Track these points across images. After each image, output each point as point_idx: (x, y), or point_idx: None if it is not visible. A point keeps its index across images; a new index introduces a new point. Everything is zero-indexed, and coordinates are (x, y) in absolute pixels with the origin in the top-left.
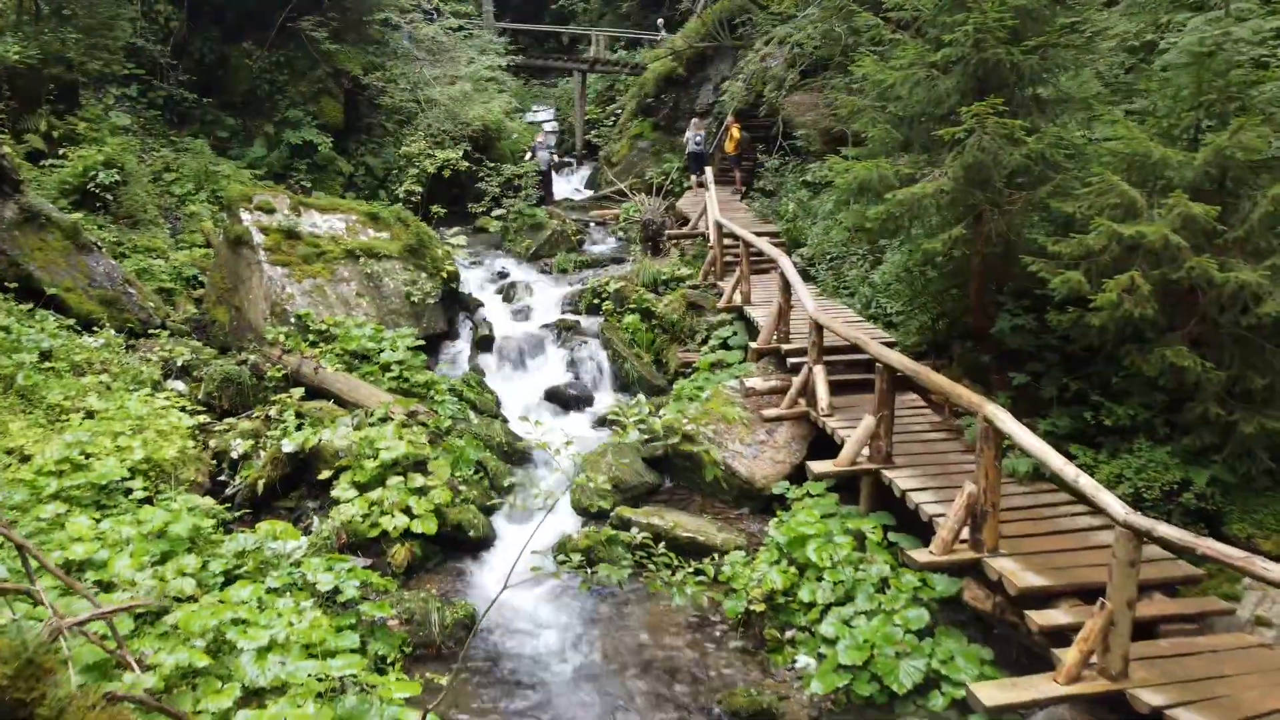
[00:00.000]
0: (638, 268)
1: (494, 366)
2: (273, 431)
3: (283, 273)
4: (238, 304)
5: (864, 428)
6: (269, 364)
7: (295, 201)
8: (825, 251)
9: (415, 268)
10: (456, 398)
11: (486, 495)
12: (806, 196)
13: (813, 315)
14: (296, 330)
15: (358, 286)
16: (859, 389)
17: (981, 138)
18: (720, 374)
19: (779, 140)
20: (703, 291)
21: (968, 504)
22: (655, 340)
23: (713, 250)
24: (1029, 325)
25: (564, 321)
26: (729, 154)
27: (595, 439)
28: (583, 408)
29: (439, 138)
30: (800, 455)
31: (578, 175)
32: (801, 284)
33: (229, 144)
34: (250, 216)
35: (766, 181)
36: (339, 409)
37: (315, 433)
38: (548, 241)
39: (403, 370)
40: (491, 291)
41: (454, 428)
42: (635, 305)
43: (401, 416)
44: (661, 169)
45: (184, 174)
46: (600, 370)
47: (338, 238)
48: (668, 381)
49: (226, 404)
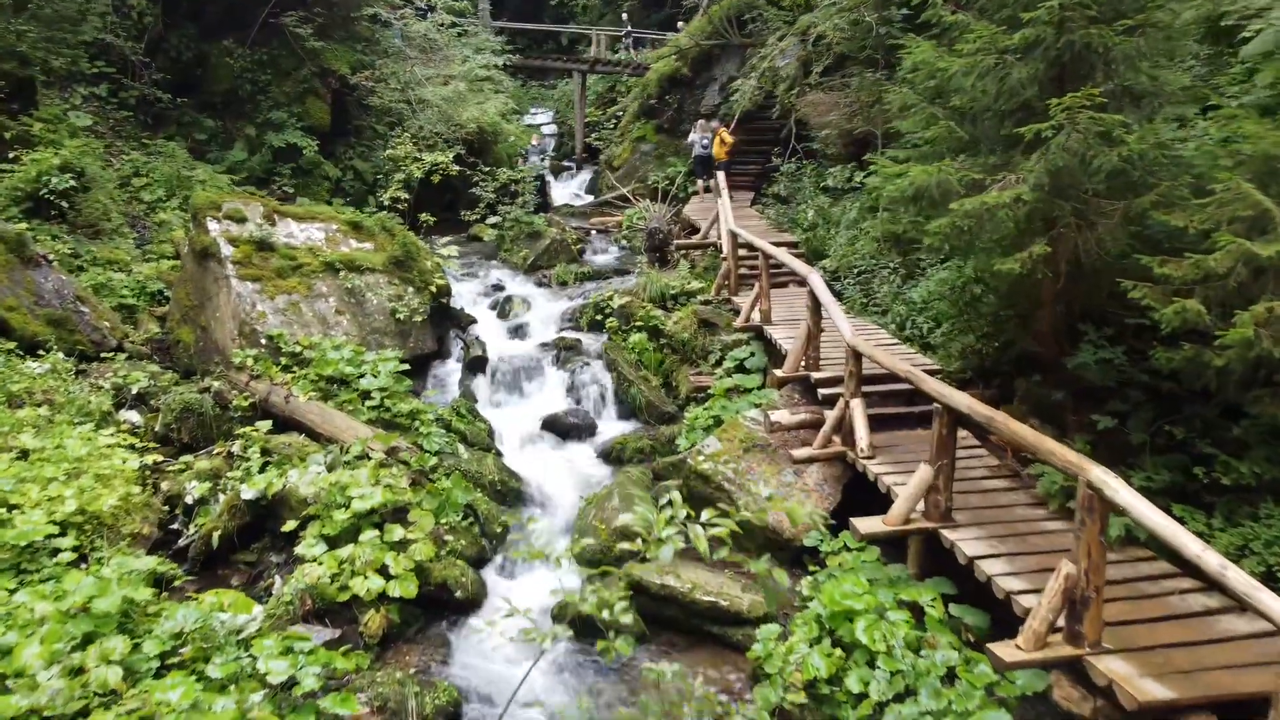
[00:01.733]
0: (644, 281)
1: (487, 391)
2: (233, 473)
3: (253, 288)
4: (204, 323)
5: (919, 480)
6: (235, 391)
7: (269, 209)
8: (852, 264)
9: (401, 281)
10: (444, 428)
11: (476, 544)
12: (826, 203)
13: (851, 342)
14: (267, 353)
15: (337, 303)
16: (898, 423)
17: (1070, 136)
18: (738, 401)
19: (791, 143)
20: (716, 307)
21: (1065, 588)
22: (664, 361)
23: (727, 262)
24: (1117, 359)
25: (564, 340)
26: (718, 160)
27: (599, 476)
28: (584, 438)
29: (431, 140)
30: (834, 500)
31: (577, 180)
32: (835, 304)
33: (207, 147)
34: (218, 226)
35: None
36: (311, 444)
37: (281, 475)
38: (546, 251)
39: (384, 398)
40: (485, 306)
41: (440, 464)
42: (642, 323)
43: (380, 454)
44: (665, 173)
45: (154, 179)
46: (604, 395)
47: (316, 249)
48: (678, 407)
49: (186, 437)
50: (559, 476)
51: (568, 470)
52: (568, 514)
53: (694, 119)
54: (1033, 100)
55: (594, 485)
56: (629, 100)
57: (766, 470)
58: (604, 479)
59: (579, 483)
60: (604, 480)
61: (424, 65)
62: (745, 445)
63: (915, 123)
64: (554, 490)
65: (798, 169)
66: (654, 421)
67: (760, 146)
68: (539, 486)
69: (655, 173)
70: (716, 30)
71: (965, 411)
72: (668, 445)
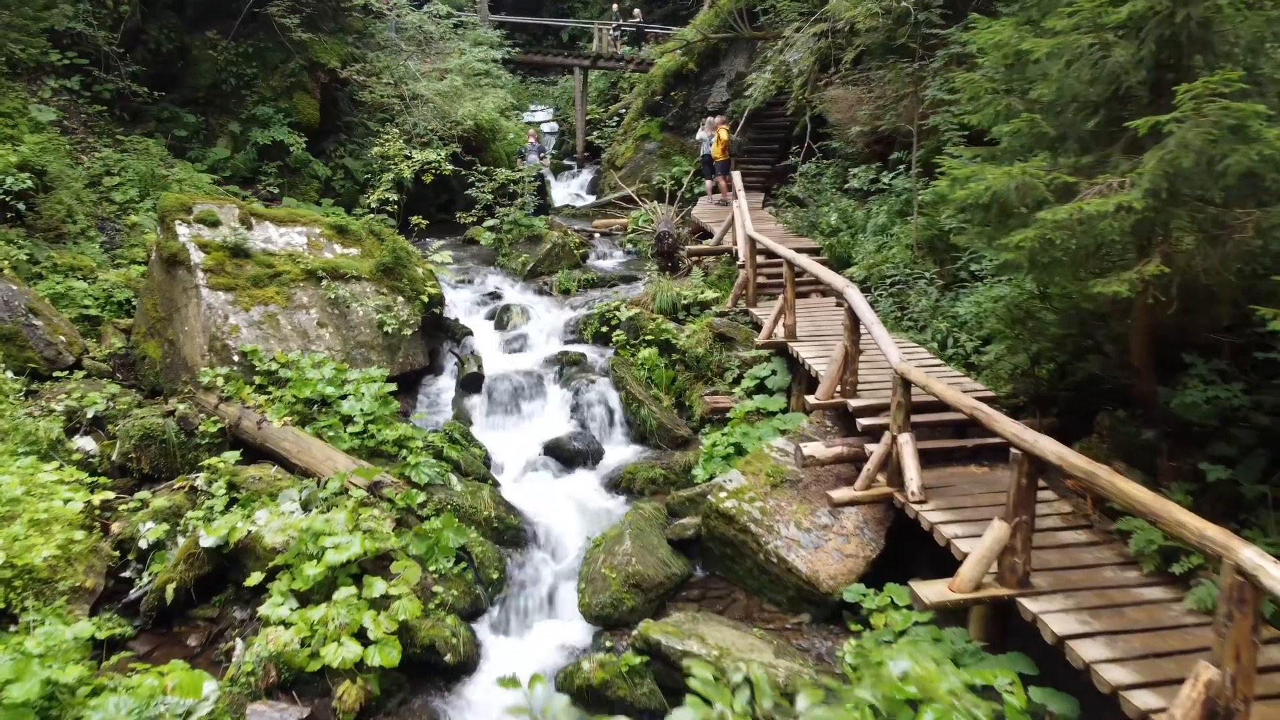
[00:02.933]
0: (653, 290)
1: (483, 412)
2: (194, 512)
3: (225, 299)
4: (171, 337)
5: (993, 540)
6: (202, 415)
7: (246, 211)
8: (883, 274)
9: (390, 290)
10: (435, 456)
11: (469, 594)
12: (850, 206)
13: (899, 369)
14: (240, 371)
15: (319, 314)
16: (947, 458)
17: (1193, 130)
18: (761, 426)
19: (806, 142)
20: (733, 320)
21: (1204, 698)
22: (676, 379)
23: (745, 271)
24: (1235, 399)
25: (567, 355)
26: (716, 159)
27: (607, 509)
28: (591, 464)
29: (426, 137)
30: (877, 546)
31: (578, 180)
32: (878, 324)
33: (188, 144)
34: (188, 230)
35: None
36: (284, 476)
37: (248, 516)
38: (547, 256)
39: (368, 423)
40: (482, 316)
41: (430, 498)
42: (652, 336)
43: (361, 491)
44: (670, 173)
45: (127, 178)
46: (611, 416)
47: (297, 255)
48: (692, 430)
49: (146, 467)
50: (562, 511)
51: (572, 503)
52: (573, 556)
53: (700, 116)
54: (1135, 88)
55: (601, 521)
56: (632, 97)
57: (798, 510)
58: (612, 514)
59: (585, 518)
60: (612, 515)
61: (419, 60)
62: (773, 480)
63: (987, 115)
64: (557, 527)
65: (818, 170)
66: (666, 446)
67: (770, 145)
68: (540, 523)
69: (660, 172)
70: (725, 23)
71: (1055, 463)
72: (683, 475)
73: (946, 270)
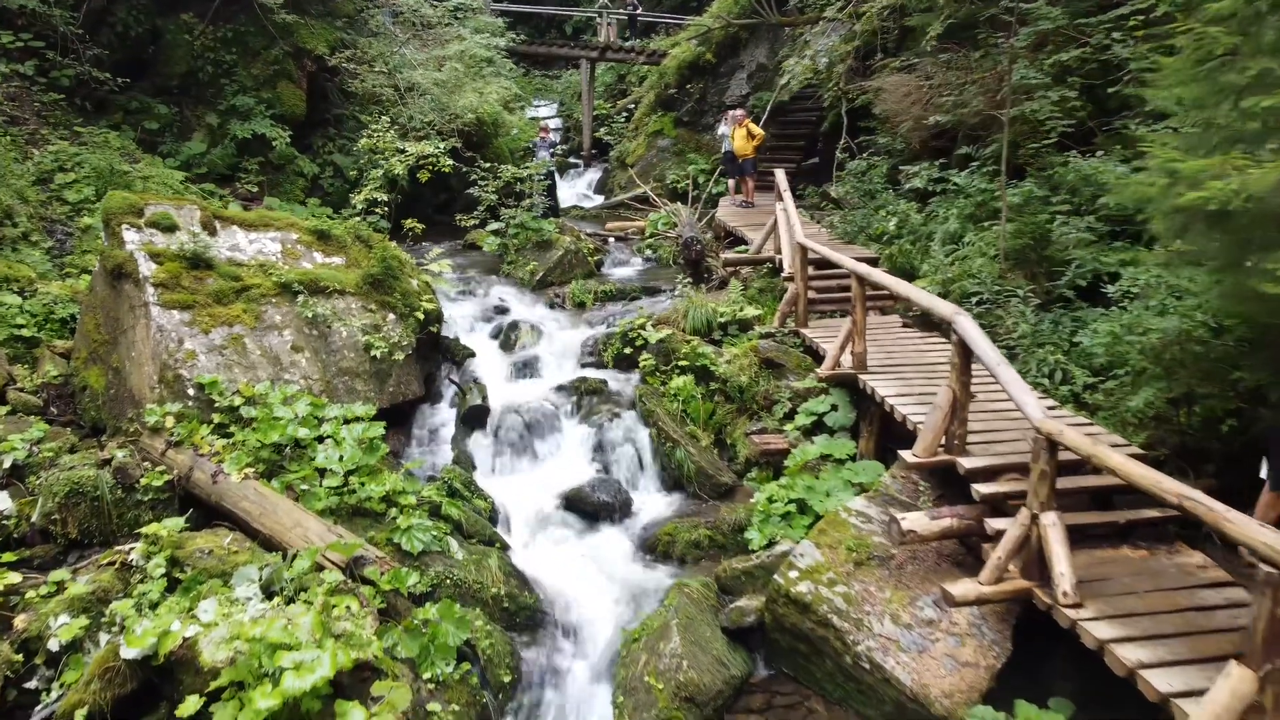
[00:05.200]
0: (684, 306)
1: (489, 453)
2: (121, 603)
3: (180, 319)
4: (116, 364)
5: (1229, 696)
6: (147, 465)
7: (209, 214)
8: (965, 290)
9: (379, 306)
10: (431, 514)
11: (475, 704)
12: (909, 209)
13: (1046, 428)
14: (196, 407)
15: (295, 336)
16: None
17: None
18: (827, 477)
19: (843, 138)
20: (781, 343)
21: None
22: (715, 412)
23: (794, 285)
24: None
25: (585, 382)
26: (745, 156)
27: (642, 583)
28: (618, 518)
29: (422, 131)
30: (1001, 653)
31: (585, 179)
32: (1005, 364)
33: (160, 138)
34: (138, 236)
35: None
36: (242, 546)
37: (188, 612)
38: (559, 264)
39: (349, 474)
40: (486, 335)
41: (425, 572)
42: (687, 362)
43: (337, 573)
44: (685, 171)
45: (82, 175)
46: (639, 458)
47: (269, 265)
48: (736, 475)
49: (74, 531)
50: (587, 583)
51: (599, 572)
52: (603, 647)
53: (718, 111)
54: None
55: (637, 599)
56: (643, 90)
57: (893, 598)
58: (648, 589)
59: (616, 594)
60: (648, 590)
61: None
62: (856, 556)
63: (1204, 89)
64: (582, 606)
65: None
66: (706, 495)
67: (796, 142)
68: (561, 600)
69: (674, 171)
70: (749, 9)
71: None
72: (733, 536)
73: (1043, 287)
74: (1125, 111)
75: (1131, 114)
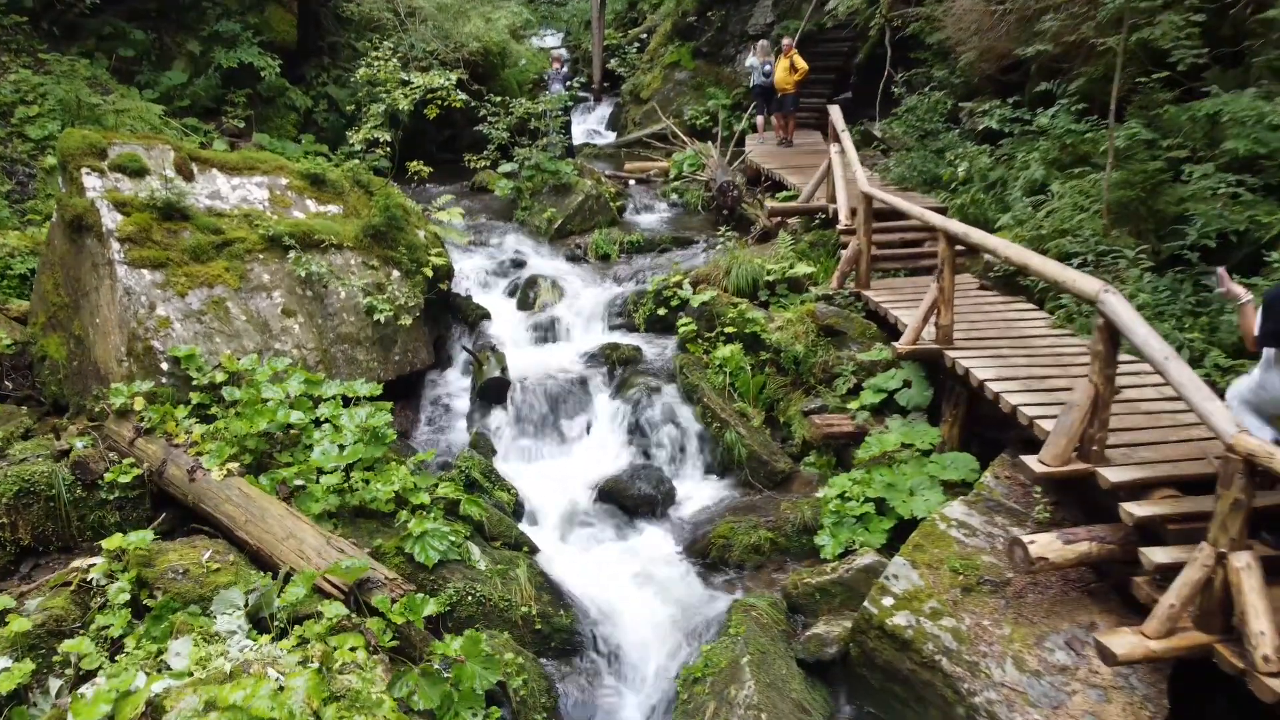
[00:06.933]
0: (726, 261)
1: (509, 433)
2: (72, 642)
3: (151, 280)
4: (78, 332)
5: None
6: (113, 456)
7: (184, 155)
8: (1063, 249)
9: (382, 262)
10: (447, 511)
11: None
12: (979, 152)
13: (1242, 445)
14: (171, 384)
15: (285, 299)
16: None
17: None
18: (908, 471)
19: (886, 70)
20: (841, 308)
21: None
22: (765, 386)
23: (857, 241)
24: None
25: (616, 349)
26: (786, 91)
27: (695, 599)
28: (660, 512)
29: (424, 61)
30: (1158, 713)
31: (595, 114)
32: (1176, 359)
33: (136, 66)
34: (100, 182)
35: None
36: (224, 560)
37: (156, 659)
38: (579, 211)
39: (350, 471)
40: (500, 292)
41: (443, 587)
42: (734, 329)
43: (338, 603)
44: (705, 106)
45: (47, 109)
46: (682, 439)
47: (255, 216)
48: (792, 459)
49: (28, 536)
50: (631, 597)
51: (643, 581)
52: (654, 679)
53: (740, 41)
54: None
55: (690, 617)
56: (658, 18)
57: (1014, 636)
58: (705, 605)
59: (666, 611)
60: (704, 605)
61: None
62: (963, 580)
63: None
64: (626, 626)
65: (930, 105)
66: (759, 483)
67: (826, 75)
68: (600, 618)
69: (693, 106)
70: None
71: None
72: (797, 539)
73: (1154, 247)
74: (1247, 40)
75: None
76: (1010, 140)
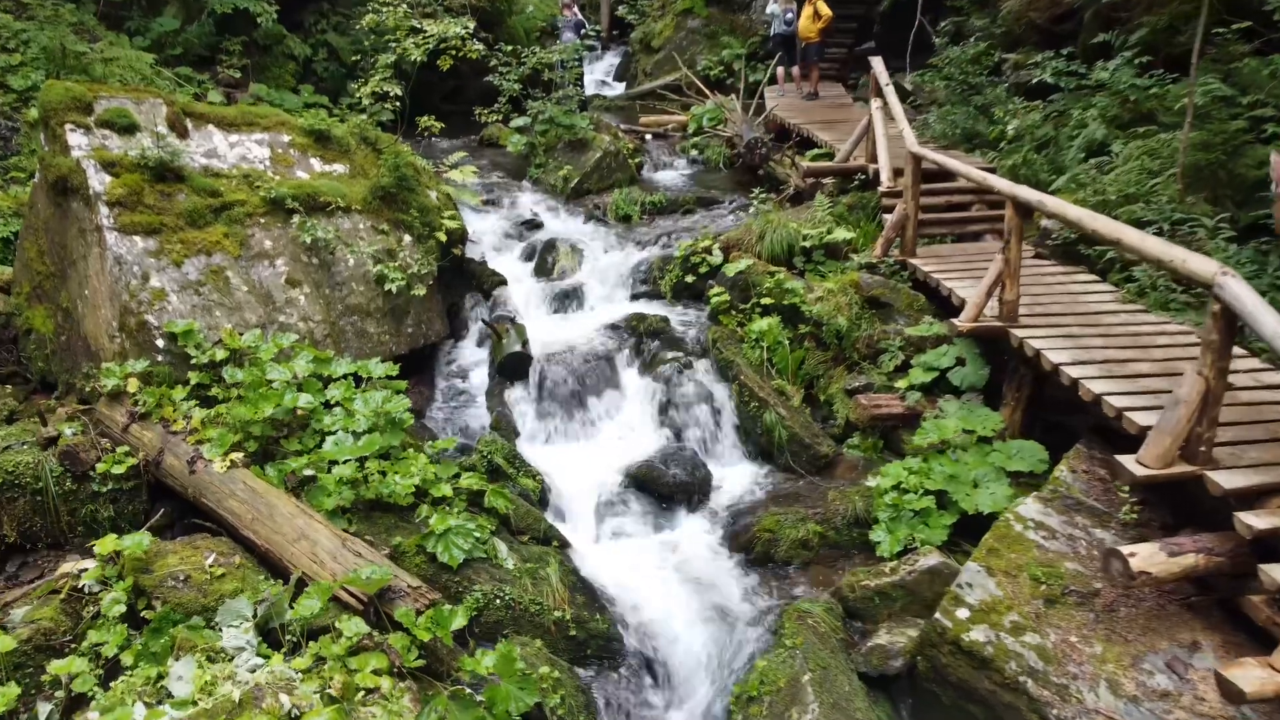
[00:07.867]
0: (759, 225)
1: (531, 412)
2: (61, 663)
3: (144, 248)
4: (65, 304)
5: None
6: (105, 443)
7: (178, 109)
8: (1135, 216)
9: (392, 226)
10: (470, 503)
11: None
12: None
13: None
14: (167, 362)
15: (290, 267)
16: None
17: None
18: (971, 460)
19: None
20: (886, 277)
21: None
22: (804, 361)
23: (903, 205)
24: None
25: (644, 321)
26: (810, 41)
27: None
28: (698, 500)
29: (428, 7)
30: None
31: (603, 64)
32: None
33: (125, 11)
34: (86, 140)
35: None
36: (228, 563)
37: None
38: (596, 169)
39: (366, 461)
40: (516, 256)
41: (468, 590)
42: (772, 299)
43: (358, 620)
44: (719, 56)
45: (30, 57)
46: (717, 419)
47: (256, 176)
48: (835, 441)
49: (13, 533)
50: (671, 597)
51: (683, 580)
52: (703, 693)
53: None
54: None
55: (737, 620)
56: None
57: (1106, 655)
58: (752, 608)
59: (710, 614)
60: (752, 607)
61: None
62: (1046, 590)
63: None
64: (667, 631)
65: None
66: (801, 468)
67: (847, 23)
68: (638, 621)
69: (706, 55)
70: None
71: None
72: (849, 532)
73: (1234, 215)
74: None
75: None
76: (1062, 96)
